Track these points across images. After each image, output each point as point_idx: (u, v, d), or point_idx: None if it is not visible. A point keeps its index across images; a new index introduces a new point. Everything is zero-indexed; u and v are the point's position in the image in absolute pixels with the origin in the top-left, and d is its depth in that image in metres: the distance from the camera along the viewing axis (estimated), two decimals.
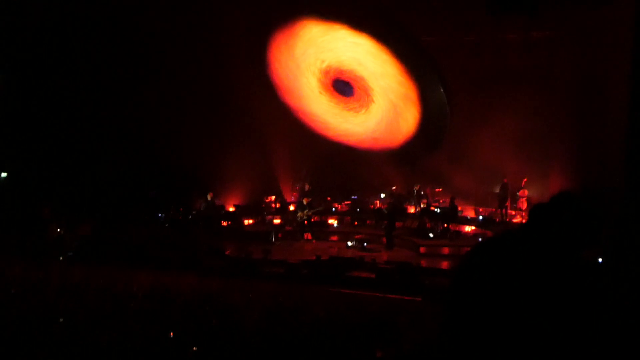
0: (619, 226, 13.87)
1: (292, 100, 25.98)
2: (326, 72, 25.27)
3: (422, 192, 24.60)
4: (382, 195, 25.44)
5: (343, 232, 22.47)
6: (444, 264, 18.01)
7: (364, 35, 23.47)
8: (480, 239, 18.87)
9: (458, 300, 1.89)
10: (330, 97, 25.88)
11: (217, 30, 23.11)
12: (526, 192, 23.13)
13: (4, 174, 21.81)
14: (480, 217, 23.00)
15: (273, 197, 26.23)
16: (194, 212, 22.54)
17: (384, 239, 20.68)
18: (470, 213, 23.79)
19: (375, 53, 23.84)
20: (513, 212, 23.44)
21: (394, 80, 24.11)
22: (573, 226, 1.94)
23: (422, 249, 19.76)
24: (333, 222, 24.14)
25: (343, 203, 26.20)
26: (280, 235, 22.14)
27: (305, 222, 22.02)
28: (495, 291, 1.76)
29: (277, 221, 23.74)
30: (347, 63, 24.84)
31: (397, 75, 23.90)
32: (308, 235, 21.86)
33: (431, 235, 21.05)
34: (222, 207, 23.64)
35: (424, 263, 17.59)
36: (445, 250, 20.05)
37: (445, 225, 21.55)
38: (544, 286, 1.72)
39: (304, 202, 22.13)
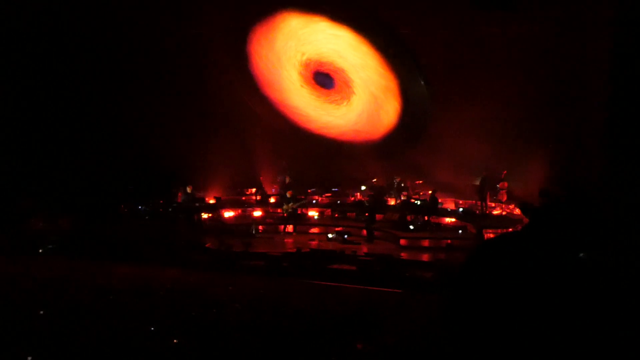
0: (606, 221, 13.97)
1: (273, 94, 26.00)
2: (307, 64, 25.28)
3: (402, 185, 24.66)
4: (363, 188, 25.46)
5: (324, 225, 22.48)
6: (425, 256, 18.05)
7: (344, 27, 23.48)
8: (487, 237, 19.11)
9: (465, 298, 1.90)
10: (311, 89, 25.89)
11: (197, 23, 23.08)
12: (506, 184, 23.27)
13: None
14: (461, 210, 23.08)
15: (254, 190, 26.16)
16: (174, 205, 22.44)
17: (365, 232, 20.72)
18: (450, 205, 23.85)
19: (355, 45, 23.87)
20: (493, 204, 23.55)
21: (374, 72, 24.16)
22: (576, 226, 1.97)
23: (402, 241, 19.78)
24: (314, 214, 24.12)
25: (324, 195, 26.17)
26: (261, 227, 22.11)
27: (285, 215, 22.04)
28: (502, 289, 1.78)
29: (257, 214, 23.69)
30: (328, 55, 24.84)
31: (377, 67, 23.95)
32: (289, 228, 21.85)
33: (412, 227, 21.11)
34: (202, 199, 23.54)
35: (404, 255, 17.58)
36: (426, 243, 20.10)
37: (426, 217, 21.66)
38: (549, 285, 1.74)
39: (287, 195, 22.11)
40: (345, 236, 20.10)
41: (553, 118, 20.81)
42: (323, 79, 25.65)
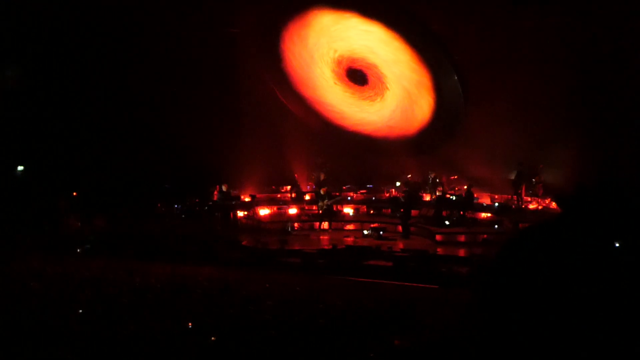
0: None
1: (306, 91, 26.04)
2: (339, 61, 25.27)
3: (437, 180, 24.47)
4: (398, 184, 25.39)
5: (359, 221, 22.46)
6: (461, 252, 17.95)
7: (375, 22, 23.42)
8: (520, 228, 18.97)
9: (497, 289, 1.87)
10: (344, 86, 25.87)
11: (230, 22, 23.24)
12: (542, 178, 23.01)
13: (20, 167, 22.00)
14: (496, 204, 22.86)
15: (289, 187, 26.22)
16: (210, 204, 22.58)
17: (400, 228, 20.65)
18: (486, 200, 23.66)
19: (386, 40, 23.78)
20: (529, 199, 23.32)
21: (407, 67, 24.06)
22: (611, 216, 1.93)
23: (438, 237, 19.73)
24: (349, 211, 24.08)
25: (359, 192, 26.12)
26: (296, 225, 22.15)
27: (320, 211, 22.04)
28: (535, 279, 1.75)
29: (293, 211, 23.72)
30: (360, 51, 24.80)
31: (410, 62, 23.84)
32: (325, 225, 21.84)
33: (447, 223, 21.00)
34: (238, 197, 23.65)
35: (440, 251, 17.55)
36: (462, 238, 20.05)
37: (461, 212, 21.52)
38: (584, 275, 1.71)
39: (322, 192, 22.11)
40: (381, 232, 20.03)
41: (590, 112, 20.51)
42: (356, 75, 25.60)
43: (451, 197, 22.57)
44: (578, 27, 20.90)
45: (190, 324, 6.77)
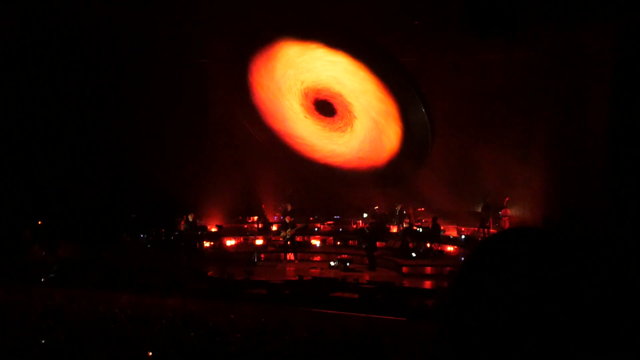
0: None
1: (275, 124, 26.08)
2: (306, 93, 25.38)
3: (404, 212, 24.58)
4: (365, 215, 25.44)
5: (326, 253, 22.46)
6: (427, 284, 18.02)
7: (340, 53, 23.59)
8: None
9: (466, 301, 1.87)
10: (314, 118, 25.96)
11: (195, 53, 23.33)
12: (508, 211, 23.23)
13: None
14: (463, 237, 23.00)
15: (255, 218, 26.16)
16: (176, 234, 22.46)
17: (366, 259, 20.67)
18: (452, 233, 23.79)
19: (352, 71, 23.97)
20: (495, 232, 23.47)
21: (373, 96, 24.23)
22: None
23: (404, 269, 19.75)
24: (315, 242, 24.09)
25: (326, 223, 26.13)
26: (262, 256, 22.08)
27: (289, 242, 21.97)
28: (509, 289, 1.76)
29: (259, 242, 23.65)
30: (326, 82, 24.94)
31: (376, 91, 24.01)
32: (290, 256, 21.80)
33: (414, 255, 21.06)
34: (204, 227, 23.54)
35: (407, 283, 17.56)
36: (428, 270, 20.12)
37: (428, 245, 21.63)
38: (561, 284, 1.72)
39: (287, 220, 22.10)
40: (347, 264, 20.02)
41: (555, 144, 20.87)
42: (324, 107, 25.73)
43: (418, 229, 22.68)
44: (545, 60, 21.33)
45: (153, 355, 6.72)
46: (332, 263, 20.36)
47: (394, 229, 24.41)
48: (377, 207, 25.46)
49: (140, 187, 22.58)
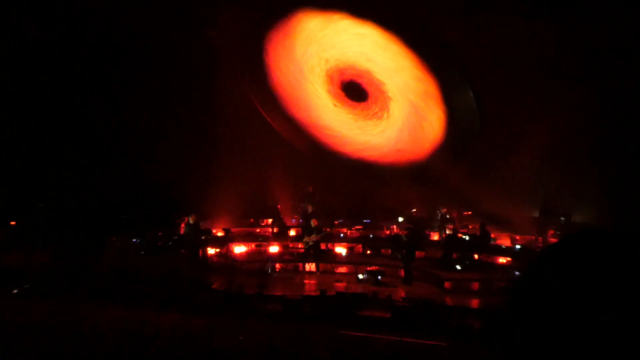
0: None
1: (298, 112, 26.01)
2: (332, 73, 25.32)
3: (447, 216, 24.51)
4: (400, 219, 25.37)
5: (353, 263, 22.44)
6: (474, 302, 17.97)
7: (369, 23, 23.44)
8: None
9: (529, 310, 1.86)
10: (342, 104, 25.87)
11: (206, 33, 23.36)
12: (572, 216, 23.08)
13: None
14: (517, 247, 22.88)
15: (270, 221, 26.16)
16: (175, 238, 22.53)
17: (402, 272, 20.64)
18: (505, 241, 23.65)
19: (384, 45, 23.82)
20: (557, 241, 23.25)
21: (410, 75, 24.09)
22: None
23: (447, 284, 19.73)
24: (341, 250, 24.06)
25: (353, 228, 26.07)
26: (278, 266, 22.10)
27: (311, 250, 21.96)
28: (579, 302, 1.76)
29: (274, 249, 23.65)
30: (355, 60, 24.85)
31: (413, 69, 23.87)
32: (311, 267, 21.81)
33: (458, 267, 21.01)
34: (209, 231, 23.58)
35: (449, 300, 17.56)
36: (475, 286, 20.02)
37: (476, 255, 21.54)
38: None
39: (312, 224, 22.06)
40: (379, 277, 20.02)
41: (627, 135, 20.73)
42: (353, 90, 25.66)
43: (463, 236, 22.60)
44: (605, 42, 21.09)
45: None
46: (360, 276, 20.36)
47: (435, 236, 24.35)
48: (414, 210, 25.41)
49: (133, 183, 22.69)
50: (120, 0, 21.34)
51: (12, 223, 21.32)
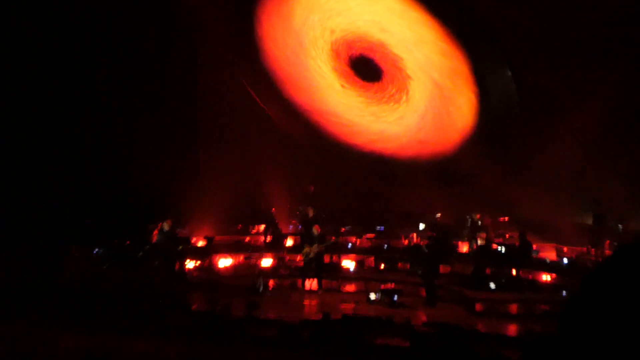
0: None
1: (299, 96, 25.90)
2: (339, 47, 25.26)
3: (479, 223, 24.42)
4: (422, 227, 25.31)
5: (363, 279, 22.41)
6: (511, 328, 17.93)
7: None
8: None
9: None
10: (350, 85, 25.80)
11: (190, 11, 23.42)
12: (631, 224, 23.03)
13: None
14: (565, 261, 22.83)
15: (262, 227, 26.11)
16: (146, 248, 22.47)
17: (423, 291, 20.60)
18: (549, 254, 23.58)
19: (400, 11, 23.77)
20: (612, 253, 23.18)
21: (434, 48, 24.01)
22: None
23: (478, 306, 19.68)
24: (348, 264, 24.00)
25: (364, 237, 26.01)
26: (272, 282, 22.07)
27: (313, 264, 21.83)
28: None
29: (267, 262, 23.62)
30: (365, 30, 24.78)
31: (437, 41, 23.78)
32: (312, 284, 21.75)
33: (492, 285, 20.92)
34: (187, 240, 23.53)
35: (481, 327, 17.50)
36: (513, 309, 19.95)
37: (513, 271, 21.48)
38: None
39: (315, 231, 21.97)
40: (395, 297, 19.98)
41: None
42: (364, 67, 25.61)
43: (499, 247, 22.56)
44: None
45: None
46: (372, 296, 20.33)
47: (464, 247, 24.36)
48: (439, 215, 25.37)
49: (96, 181, 22.66)
50: None
51: None
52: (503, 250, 22.35)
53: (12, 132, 22.60)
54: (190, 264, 22.76)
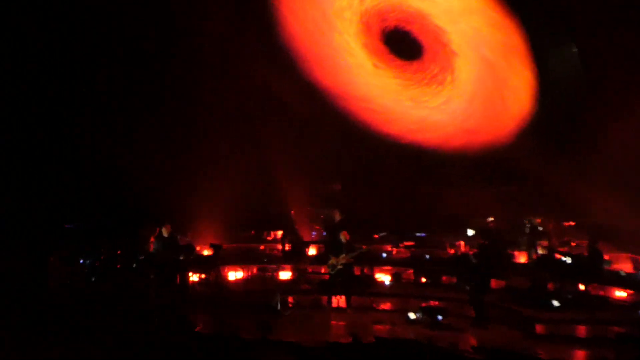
0: None
1: (324, 78, 25.90)
2: (369, 19, 25.31)
3: (539, 229, 24.43)
4: (470, 233, 25.36)
5: (400, 296, 22.52)
6: (579, 355, 17.97)
7: None
8: None
9: None
10: (384, 64, 25.84)
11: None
12: None
13: None
14: None
15: (279, 234, 26.21)
16: (141, 258, 22.64)
17: (472, 310, 20.68)
18: (625, 265, 23.56)
19: None
20: None
21: (485, 20, 24.01)
22: None
23: (538, 328, 19.68)
24: (383, 277, 24.11)
25: (401, 245, 26.08)
26: (291, 299, 22.20)
27: (340, 277, 21.83)
28: None
29: (285, 275, 23.73)
30: None
31: (488, 10, 23.80)
32: (340, 300, 21.84)
33: (556, 303, 20.95)
34: (191, 247, 23.65)
35: (542, 352, 17.54)
36: (581, 331, 19.97)
37: (581, 286, 21.52)
38: None
39: (342, 238, 22.03)
40: (439, 317, 20.05)
41: None
42: (401, 43, 25.67)
43: (563, 258, 22.57)
44: None
45: None
46: (411, 315, 20.39)
47: (522, 258, 24.35)
48: (491, 219, 25.38)
49: (83, 181, 22.89)
50: None
51: None
52: (568, 260, 22.35)
53: (12, 132, 23.07)
54: (194, 277, 22.89)
